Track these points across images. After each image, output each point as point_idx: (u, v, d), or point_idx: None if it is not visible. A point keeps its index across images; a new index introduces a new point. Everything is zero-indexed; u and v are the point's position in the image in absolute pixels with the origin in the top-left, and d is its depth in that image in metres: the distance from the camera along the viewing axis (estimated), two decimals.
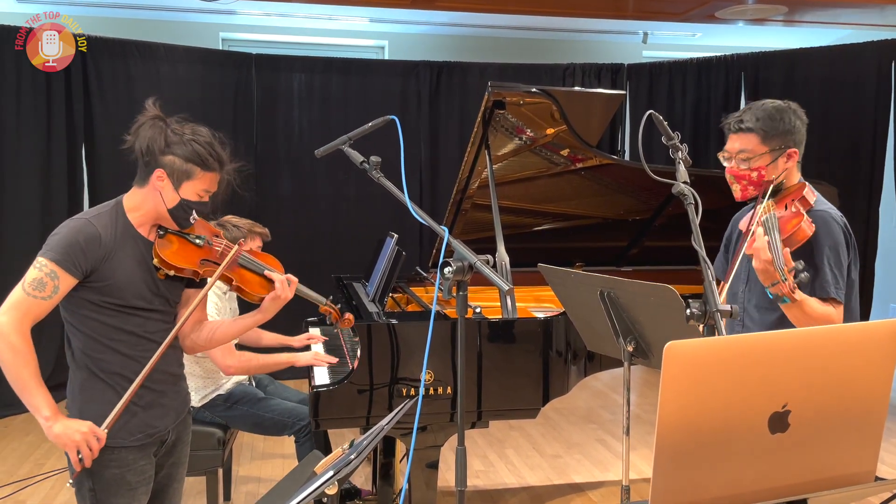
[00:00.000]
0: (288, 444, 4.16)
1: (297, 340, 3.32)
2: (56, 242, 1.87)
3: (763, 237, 1.85)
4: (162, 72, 5.39)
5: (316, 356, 3.07)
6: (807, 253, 1.97)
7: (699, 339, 0.84)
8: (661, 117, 1.81)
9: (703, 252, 1.61)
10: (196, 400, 3.07)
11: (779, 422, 0.87)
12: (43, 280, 1.83)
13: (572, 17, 5.69)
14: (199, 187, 1.93)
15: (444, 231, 1.64)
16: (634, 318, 1.90)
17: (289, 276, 2.13)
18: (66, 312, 1.94)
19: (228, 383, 3.19)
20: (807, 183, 2.09)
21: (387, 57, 6.37)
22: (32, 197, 5.03)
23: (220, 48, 6.06)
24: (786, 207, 2.02)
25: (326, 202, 5.80)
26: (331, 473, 1.69)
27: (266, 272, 2.12)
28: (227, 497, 3.56)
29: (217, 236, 2.10)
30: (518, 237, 4.11)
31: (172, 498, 2.16)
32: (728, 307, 1.49)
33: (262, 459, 4.12)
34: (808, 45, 5.78)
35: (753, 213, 2.06)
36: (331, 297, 2.45)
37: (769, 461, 0.87)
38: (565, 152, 3.45)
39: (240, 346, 3.20)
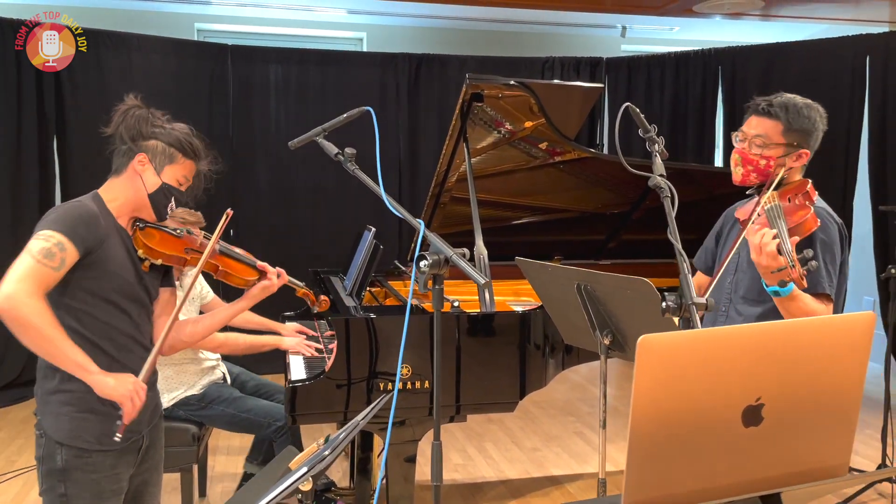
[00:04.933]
0: None
1: (286, 328, 3.31)
2: (58, 217, 1.84)
3: (770, 231, 1.79)
4: (135, 63, 5.31)
5: (299, 343, 3.08)
6: (803, 248, 1.91)
7: (672, 332, 0.83)
8: (637, 109, 1.80)
9: (678, 245, 1.61)
10: (166, 400, 3.03)
11: (752, 415, 0.87)
12: (52, 250, 1.79)
13: (551, 9, 5.69)
14: (179, 173, 1.97)
15: (420, 224, 1.62)
16: (611, 312, 1.90)
17: (278, 269, 2.22)
18: (55, 306, 1.85)
19: (202, 382, 3.14)
20: (809, 181, 2.05)
21: (365, 49, 6.33)
22: (2, 188, 4.95)
23: (196, 39, 5.98)
24: (789, 200, 1.99)
25: (304, 195, 5.75)
26: (305, 469, 1.68)
27: (259, 264, 2.21)
28: (203, 494, 3.53)
29: (190, 230, 2.12)
30: (497, 230, 4.10)
31: (150, 502, 2.13)
32: (703, 300, 1.49)
33: (240, 456, 4.07)
34: (784, 40, 5.82)
35: (756, 203, 2.01)
36: (305, 284, 2.55)
37: (743, 454, 0.87)
38: (543, 145, 3.45)
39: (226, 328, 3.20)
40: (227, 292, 2.26)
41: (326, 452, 1.68)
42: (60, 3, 5.38)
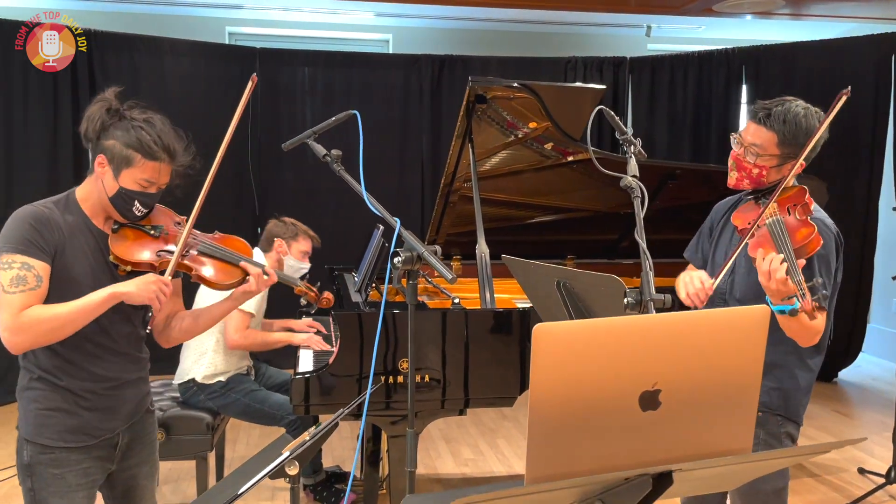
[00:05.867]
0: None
1: (299, 324, 3.49)
2: (8, 235, 1.78)
3: (777, 256, 1.76)
4: (167, 66, 5.50)
5: (310, 339, 3.24)
6: (805, 266, 1.90)
7: (568, 321, 0.89)
8: (612, 112, 1.84)
9: (643, 244, 1.66)
10: (200, 375, 3.20)
11: (649, 400, 0.92)
12: (20, 275, 1.74)
13: (573, 10, 5.72)
14: (139, 176, 1.82)
15: (396, 222, 1.70)
16: (589, 308, 1.95)
17: (266, 268, 2.03)
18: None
19: (231, 372, 3.29)
20: (807, 189, 2.03)
21: (391, 50, 6.43)
22: (39, 188, 5.16)
23: (227, 42, 6.16)
24: (788, 212, 1.97)
25: (328, 194, 5.87)
26: (287, 454, 1.78)
27: (242, 263, 2.01)
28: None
29: (179, 224, 1.99)
30: (511, 230, 4.16)
31: (143, 498, 2.07)
32: (661, 296, 1.54)
33: (259, 446, 4.21)
34: (809, 39, 5.77)
35: (757, 214, 1.99)
36: (306, 277, 2.44)
37: (641, 437, 0.92)
38: (549, 145, 3.50)
39: None
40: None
41: (307, 439, 1.78)
42: (97, 8, 5.61)
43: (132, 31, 5.46)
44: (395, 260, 1.65)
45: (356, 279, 3.48)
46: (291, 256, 3.43)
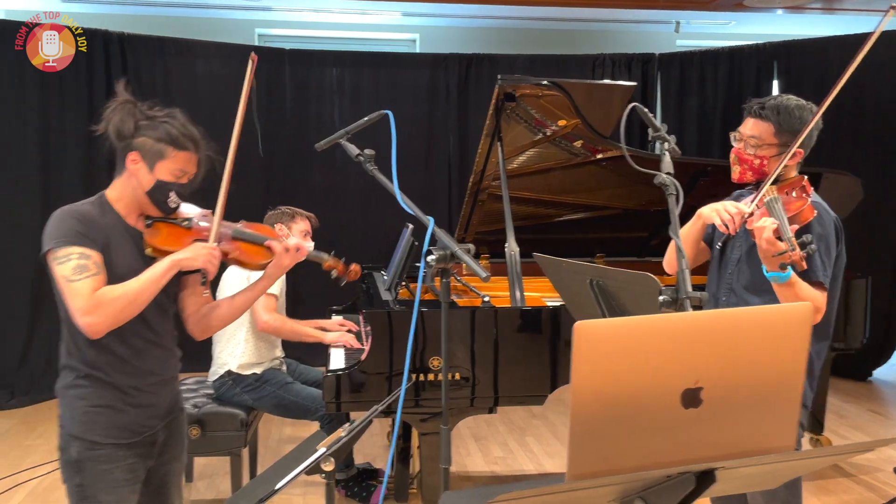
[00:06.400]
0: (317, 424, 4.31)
1: (331, 324, 3.54)
2: (56, 231, 1.83)
3: (768, 218, 1.89)
4: (198, 68, 5.57)
5: (341, 336, 3.28)
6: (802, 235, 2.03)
7: (609, 318, 0.89)
8: (645, 109, 1.85)
9: (679, 241, 1.65)
10: (235, 365, 3.26)
11: (691, 398, 0.92)
12: (80, 264, 1.79)
13: (602, 7, 5.69)
14: (173, 167, 1.91)
15: (430, 221, 1.71)
16: (622, 306, 1.95)
17: (297, 243, 2.10)
18: (67, 320, 1.87)
19: (264, 365, 3.34)
20: (805, 177, 2.14)
21: (418, 50, 6.45)
22: (75, 190, 5.25)
23: (257, 44, 6.22)
24: (787, 194, 2.09)
25: (357, 193, 5.90)
26: (323, 450, 1.80)
27: (267, 242, 2.08)
28: (254, 476, 3.70)
29: (206, 216, 2.06)
30: (541, 228, 4.16)
31: (173, 493, 2.11)
32: (697, 294, 1.54)
33: (291, 442, 4.25)
34: (842, 34, 5.68)
35: (754, 196, 2.11)
36: (333, 252, 2.42)
37: (683, 434, 0.92)
38: (578, 143, 3.49)
39: None
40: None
41: (343, 435, 1.80)
42: (130, 12, 5.70)
43: (163, 34, 5.54)
44: (429, 258, 1.66)
45: (385, 278, 3.50)
46: (294, 238, 3.48)
